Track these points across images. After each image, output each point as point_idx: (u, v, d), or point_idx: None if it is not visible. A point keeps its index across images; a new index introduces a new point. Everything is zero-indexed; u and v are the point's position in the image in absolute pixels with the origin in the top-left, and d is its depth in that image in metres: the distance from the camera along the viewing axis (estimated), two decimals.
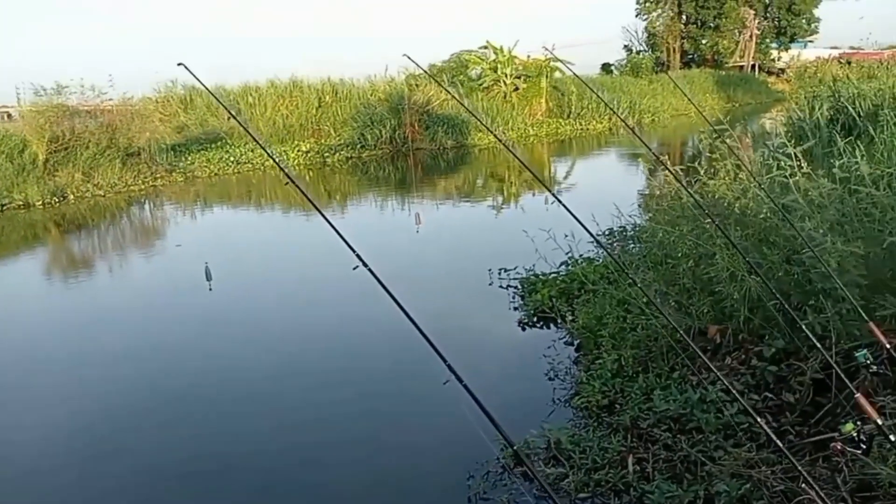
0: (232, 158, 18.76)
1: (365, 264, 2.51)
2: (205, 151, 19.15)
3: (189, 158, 18.40)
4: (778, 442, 2.49)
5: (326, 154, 19.50)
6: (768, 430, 2.59)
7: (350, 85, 23.34)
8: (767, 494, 3.33)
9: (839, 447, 2.79)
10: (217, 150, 19.30)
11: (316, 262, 9.17)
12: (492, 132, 4.82)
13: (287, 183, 2.76)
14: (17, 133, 16.19)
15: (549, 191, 3.94)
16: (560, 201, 3.56)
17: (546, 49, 23.47)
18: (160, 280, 9.53)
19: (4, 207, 14.35)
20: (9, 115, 23.78)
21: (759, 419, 2.43)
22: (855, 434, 2.77)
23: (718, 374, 2.96)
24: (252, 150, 19.51)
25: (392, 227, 12.16)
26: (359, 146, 19.85)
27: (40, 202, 14.66)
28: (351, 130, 20.39)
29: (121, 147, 16.87)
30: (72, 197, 15.21)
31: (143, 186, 16.44)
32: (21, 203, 14.52)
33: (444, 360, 2.13)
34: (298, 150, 19.71)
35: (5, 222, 13.87)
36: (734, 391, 2.64)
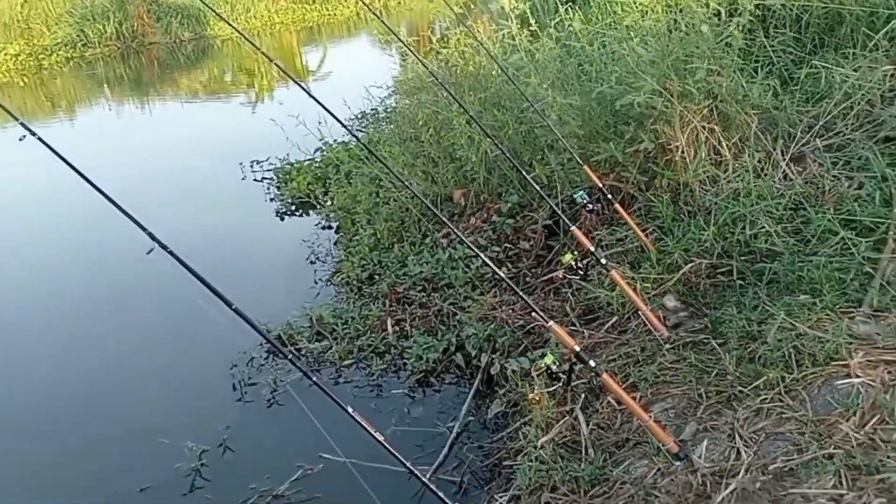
0: None
1: (33, 133, 2.20)
2: None
3: None
4: (507, 280, 2.69)
5: (41, 56, 17.02)
6: (502, 274, 2.77)
7: None
8: (510, 329, 3.66)
9: (560, 275, 3.11)
10: None
11: None
12: (228, 21, 4.38)
13: None
14: None
15: (295, 81, 3.78)
16: (306, 90, 3.40)
17: None
18: None
19: None
20: None
21: (494, 266, 2.59)
22: (573, 262, 3.09)
23: (458, 233, 3.09)
24: None
25: (127, 128, 11.08)
26: (80, 44, 17.52)
27: None
28: (67, 27, 17.87)
29: None
30: None
31: None
32: None
33: (144, 229, 1.98)
34: (5, 54, 16.96)
35: None
36: (472, 247, 2.78)
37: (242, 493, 3.03)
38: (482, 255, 2.81)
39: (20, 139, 2.24)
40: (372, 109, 8.51)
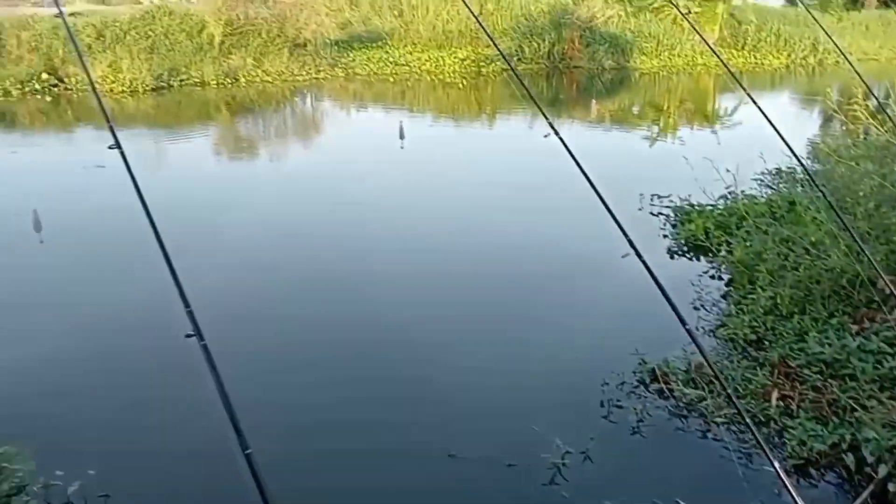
0: (391, 59, 19.04)
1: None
2: (366, 50, 19.51)
3: (350, 55, 18.83)
4: None
5: (482, 63, 19.33)
6: None
7: None
8: None
9: None
10: (377, 50, 19.62)
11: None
12: None
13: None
14: (197, 14, 17.13)
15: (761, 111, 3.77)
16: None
17: None
18: (313, 170, 10.07)
19: (183, 83, 15.44)
20: None
21: None
22: None
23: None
24: (410, 53, 19.65)
25: (535, 143, 12.01)
26: (515, 58, 19.48)
27: (214, 82, 15.67)
28: (509, 41, 19.96)
29: (289, 37, 17.51)
30: (242, 80, 16.14)
31: (306, 77, 17.10)
32: (197, 80, 15.61)
33: (625, 234, 2.16)
34: (455, 57, 19.66)
35: (182, 97, 14.96)
36: None
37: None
38: None
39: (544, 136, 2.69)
40: (788, 168, 8.04)
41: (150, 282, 4.63)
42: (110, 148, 2.16)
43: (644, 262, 2.11)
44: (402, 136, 9.56)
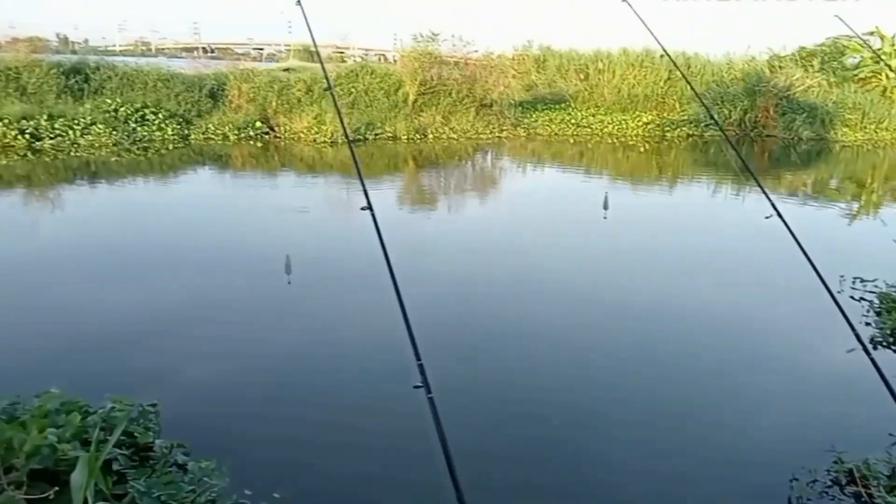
0: (573, 121, 19.27)
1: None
2: (549, 111, 19.91)
3: (533, 116, 19.30)
4: None
5: (667, 128, 19.05)
6: None
7: (705, 60, 22.27)
8: None
9: None
10: (560, 112, 19.97)
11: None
12: None
13: None
14: (396, 73, 18.41)
15: None
16: None
17: None
18: (488, 226, 10.32)
19: (377, 136, 16.58)
20: (384, 58, 27.21)
21: None
22: None
23: None
24: (593, 115, 19.77)
25: (732, 214, 11.57)
26: (702, 125, 19.00)
27: (405, 136, 16.70)
28: (697, 107, 19.55)
29: (476, 97, 18.30)
30: (430, 136, 17.06)
31: (490, 136, 17.74)
32: (390, 135, 16.71)
33: (850, 324, 2.06)
34: (639, 121, 19.53)
35: (375, 149, 16.06)
36: None
37: None
38: None
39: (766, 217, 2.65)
40: None
41: (378, 327, 4.95)
42: (363, 209, 2.39)
43: (874, 363, 1.99)
44: (605, 207, 9.55)
